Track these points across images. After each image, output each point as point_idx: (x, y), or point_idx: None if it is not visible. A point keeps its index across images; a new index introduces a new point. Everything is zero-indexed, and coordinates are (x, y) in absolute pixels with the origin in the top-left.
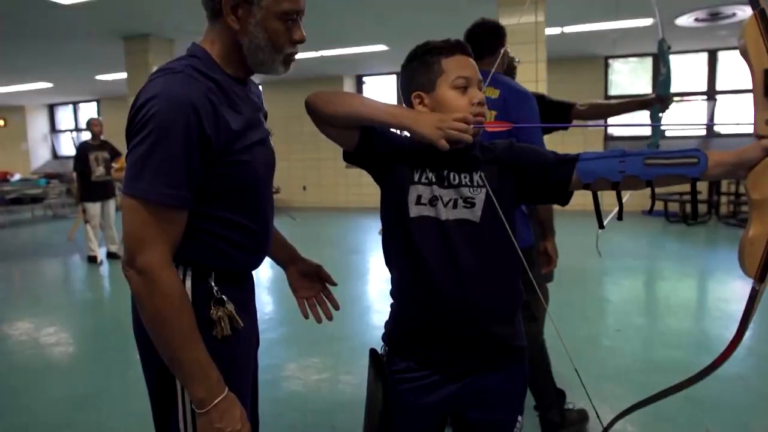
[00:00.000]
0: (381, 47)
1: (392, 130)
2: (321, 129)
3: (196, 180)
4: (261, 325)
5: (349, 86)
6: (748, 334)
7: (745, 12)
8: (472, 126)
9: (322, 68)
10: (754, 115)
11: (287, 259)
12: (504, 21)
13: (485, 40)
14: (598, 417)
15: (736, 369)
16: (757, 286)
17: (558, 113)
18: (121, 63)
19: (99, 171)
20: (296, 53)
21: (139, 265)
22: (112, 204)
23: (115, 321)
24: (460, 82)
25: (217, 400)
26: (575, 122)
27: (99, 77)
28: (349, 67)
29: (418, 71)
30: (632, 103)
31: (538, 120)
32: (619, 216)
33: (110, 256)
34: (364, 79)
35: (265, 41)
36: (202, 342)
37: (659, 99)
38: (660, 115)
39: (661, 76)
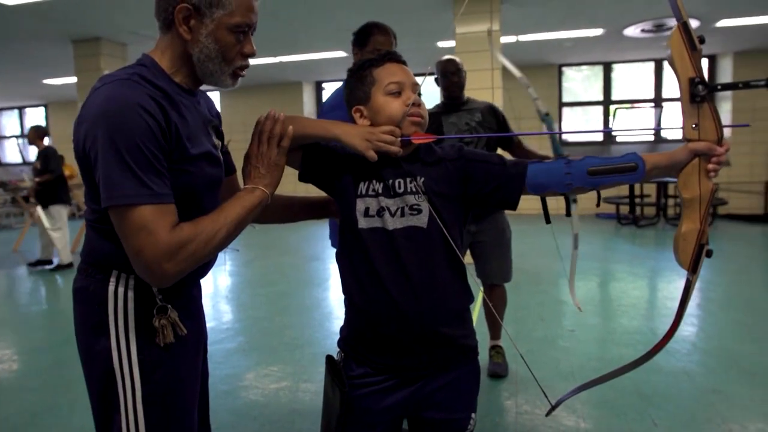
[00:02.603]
0: (340, 53)
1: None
2: None
3: (164, 171)
4: (219, 335)
5: (308, 92)
6: (692, 330)
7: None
8: (399, 138)
9: (281, 74)
10: (683, 120)
11: (317, 207)
12: (460, 29)
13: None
14: (550, 403)
15: (682, 364)
16: (691, 276)
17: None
18: (70, 66)
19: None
20: (246, 67)
21: (151, 261)
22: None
23: (62, 335)
24: (392, 87)
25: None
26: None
27: (47, 81)
28: (307, 73)
29: (354, 87)
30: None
31: None
32: (567, 213)
33: (40, 263)
34: (324, 85)
35: (215, 52)
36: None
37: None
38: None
39: (555, 141)
